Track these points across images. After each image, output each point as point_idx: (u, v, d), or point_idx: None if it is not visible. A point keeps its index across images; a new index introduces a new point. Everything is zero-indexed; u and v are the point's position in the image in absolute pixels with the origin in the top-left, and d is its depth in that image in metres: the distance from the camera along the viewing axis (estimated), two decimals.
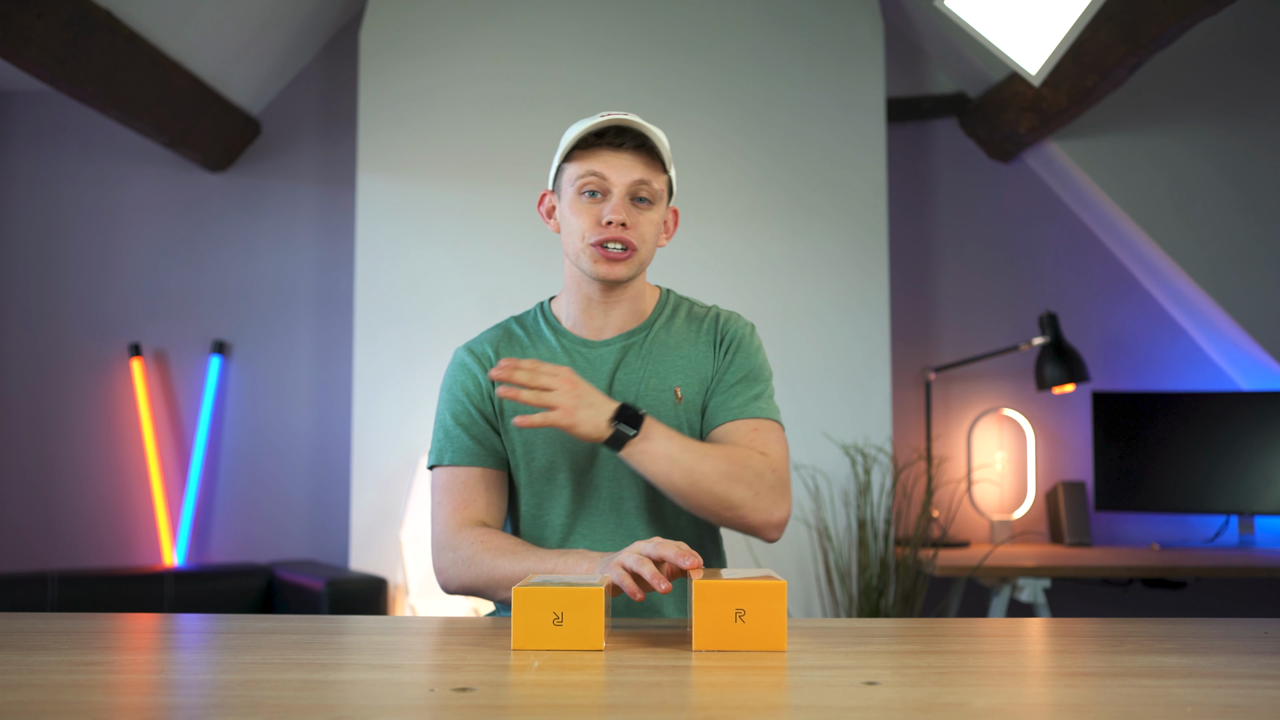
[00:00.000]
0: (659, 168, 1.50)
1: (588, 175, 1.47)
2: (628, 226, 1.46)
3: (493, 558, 1.43)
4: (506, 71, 3.19)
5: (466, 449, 1.52)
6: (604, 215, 1.46)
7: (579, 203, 1.48)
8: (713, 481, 1.40)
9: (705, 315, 1.59)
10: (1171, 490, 3.23)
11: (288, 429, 3.48)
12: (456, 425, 1.53)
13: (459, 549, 1.46)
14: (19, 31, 2.42)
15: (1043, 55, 2.20)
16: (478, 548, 1.45)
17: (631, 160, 1.47)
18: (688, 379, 1.54)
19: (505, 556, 1.42)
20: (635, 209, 1.48)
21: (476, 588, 1.46)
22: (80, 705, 0.92)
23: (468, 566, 1.45)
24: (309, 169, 3.54)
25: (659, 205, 1.51)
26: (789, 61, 3.18)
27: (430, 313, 3.14)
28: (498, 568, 1.42)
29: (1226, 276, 3.11)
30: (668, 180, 1.53)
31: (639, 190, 1.48)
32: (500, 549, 1.43)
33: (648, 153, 1.48)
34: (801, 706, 0.95)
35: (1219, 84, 3.19)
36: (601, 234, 1.46)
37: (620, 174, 1.46)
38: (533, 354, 1.56)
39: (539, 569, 1.38)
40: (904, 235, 3.43)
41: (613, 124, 1.47)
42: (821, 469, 3.04)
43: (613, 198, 1.46)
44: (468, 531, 1.47)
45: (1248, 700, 0.95)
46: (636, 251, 1.48)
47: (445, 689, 0.97)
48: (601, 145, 1.47)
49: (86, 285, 3.53)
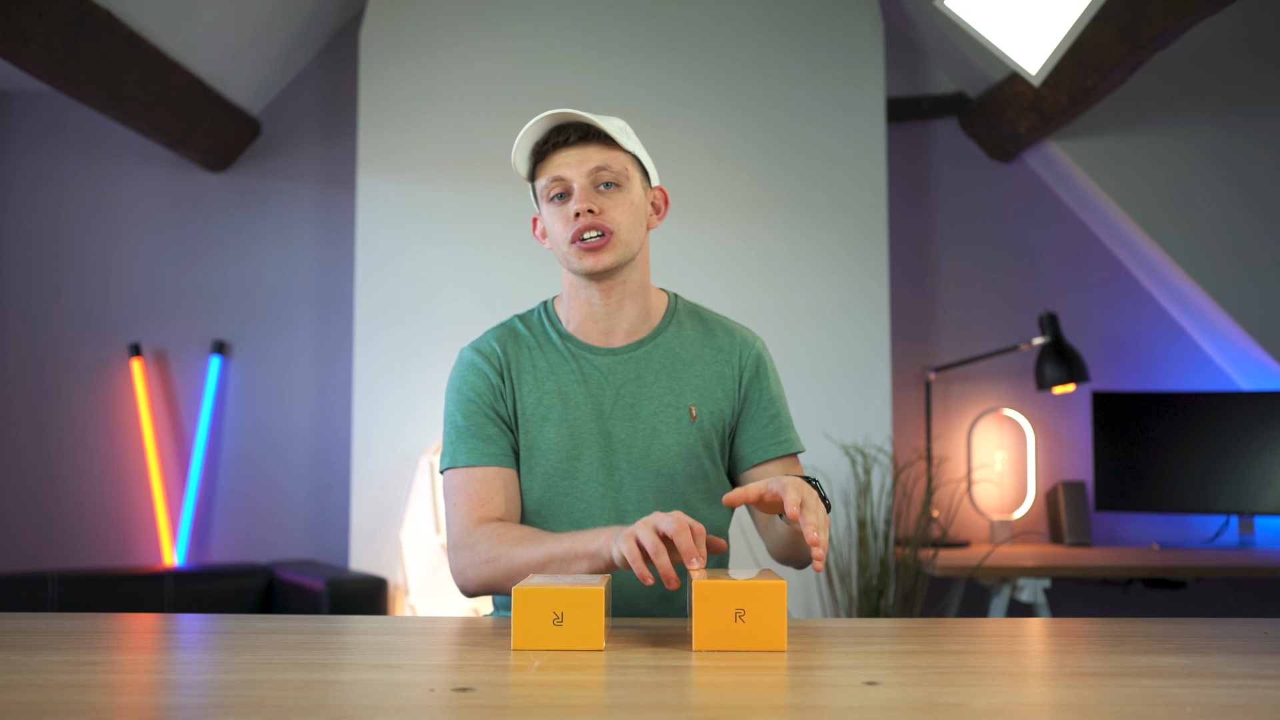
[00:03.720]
0: (614, 148, 1.49)
1: (550, 182, 1.49)
2: (597, 212, 1.46)
3: (510, 549, 1.41)
4: (506, 71, 3.19)
5: (480, 449, 1.50)
6: (571, 210, 1.47)
7: (552, 210, 1.50)
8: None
9: (720, 330, 1.59)
10: (1171, 490, 3.23)
11: (288, 429, 3.48)
12: (469, 425, 1.51)
13: (476, 548, 1.44)
14: (19, 31, 2.42)
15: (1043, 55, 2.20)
16: (494, 542, 1.42)
17: (582, 151, 1.48)
18: (702, 398, 1.53)
19: (523, 545, 1.40)
20: (602, 195, 1.48)
21: (497, 584, 1.43)
22: (80, 705, 0.92)
23: (487, 565, 1.42)
24: (309, 169, 3.54)
25: (628, 186, 1.50)
26: (789, 61, 3.18)
27: (430, 313, 3.14)
28: (516, 557, 1.40)
29: (1226, 276, 3.11)
30: (631, 158, 1.52)
31: (599, 176, 1.48)
32: (517, 539, 1.42)
33: (597, 139, 1.49)
34: (801, 706, 0.95)
35: (1219, 84, 3.19)
36: (574, 227, 1.47)
37: (575, 168, 1.48)
38: (539, 355, 1.55)
39: (558, 549, 1.36)
40: (904, 235, 3.43)
41: (551, 124, 1.48)
42: (821, 469, 3.04)
43: (575, 192, 1.47)
44: (484, 529, 1.45)
45: (1248, 700, 0.95)
46: (614, 234, 1.47)
47: (445, 689, 0.97)
48: (550, 150, 1.49)
49: (86, 285, 3.53)
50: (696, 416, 1.52)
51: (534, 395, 1.52)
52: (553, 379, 1.53)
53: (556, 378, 1.53)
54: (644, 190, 1.54)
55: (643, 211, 1.52)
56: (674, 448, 1.50)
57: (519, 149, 1.50)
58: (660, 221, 1.57)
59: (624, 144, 1.50)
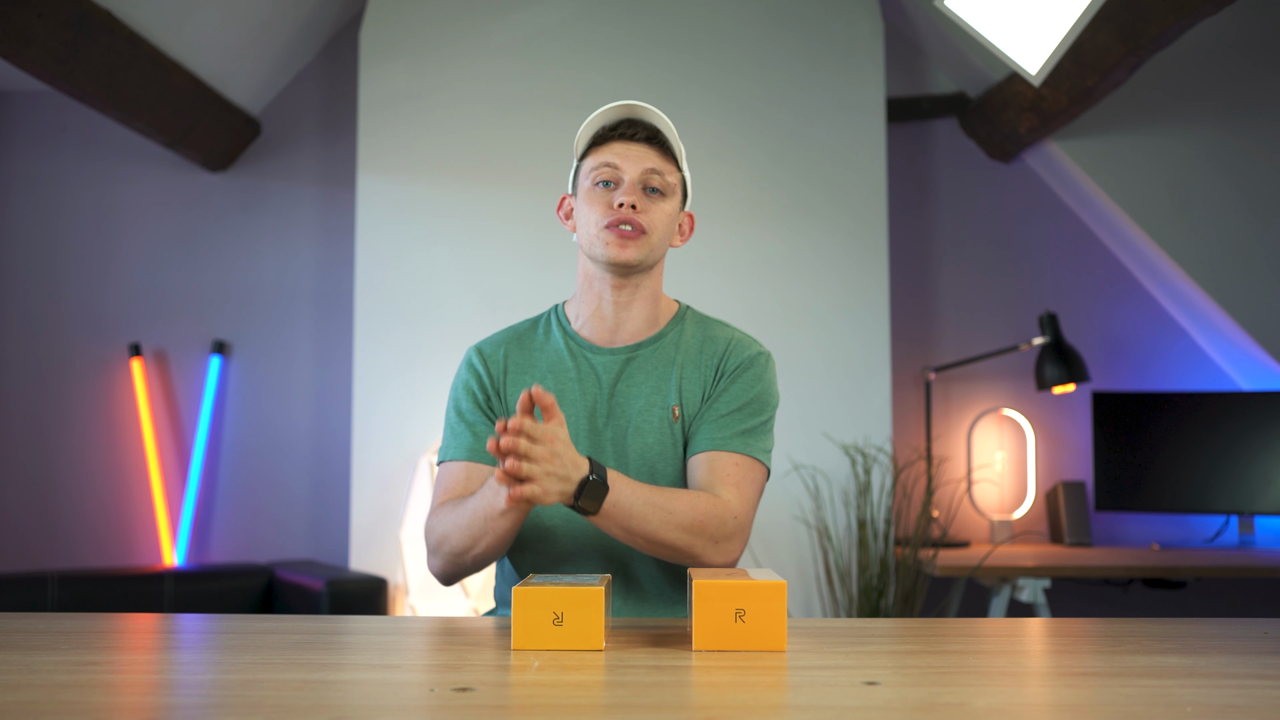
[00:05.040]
0: (672, 163, 1.53)
1: (601, 166, 1.51)
2: (639, 210, 1.48)
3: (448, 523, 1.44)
4: (506, 71, 3.19)
5: (465, 444, 1.54)
6: (615, 200, 1.49)
7: (593, 193, 1.52)
8: (674, 537, 1.39)
9: (721, 336, 1.58)
10: (1171, 490, 3.23)
11: (288, 429, 3.48)
12: (461, 421, 1.55)
13: (428, 535, 1.49)
14: (19, 31, 2.42)
15: (1043, 55, 2.20)
16: (438, 521, 1.46)
17: (643, 150, 1.51)
18: (687, 399, 1.53)
19: (452, 519, 1.43)
20: (647, 197, 1.50)
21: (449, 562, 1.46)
22: (80, 705, 0.92)
23: (436, 547, 1.46)
24: (309, 169, 3.54)
25: (671, 199, 1.53)
26: (789, 61, 3.18)
27: (430, 313, 3.14)
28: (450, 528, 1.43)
29: (1226, 276, 3.11)
30: (681, 179, 1.56)
31: (650, 180, 1.50)
32: (452, 513, 1.45)
33: (660, 146, 1.52)
34: (801, 706, 0.95)
35: (1219, 84, 3.19)
36: (613, 216, 1.48)
37: (632, 163, 1.50)
38: (540, 356, 1.57)
39: (472, 513, 1.39)
40: (904, 235, 3.43)
41: (625, 115, 1.51)
42: (821, 469, 3.04)
43: (624, 184, 1.50)
44: (436, 513, 1.48)
45: (1248, 700, 0.95)
46: (647, 234, 1.49)
47: (445, 689, 0.97)
48: (614, 138, 1.52)
49: (86, 285, 3.53)
50: (679, 417, 1.52)
51: None
52: (550, 378, 1.55)
53: (554, 376, 1.55)
54: (679, 210, 1.57)
55: (674, 226, 1.56)
56: (655, 447, 1.51)
57: (588, 126, 1.52)
58: (682, 244, 1.60)
59: (681, 164, 1.55)
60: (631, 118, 1.52)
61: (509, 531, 1.39)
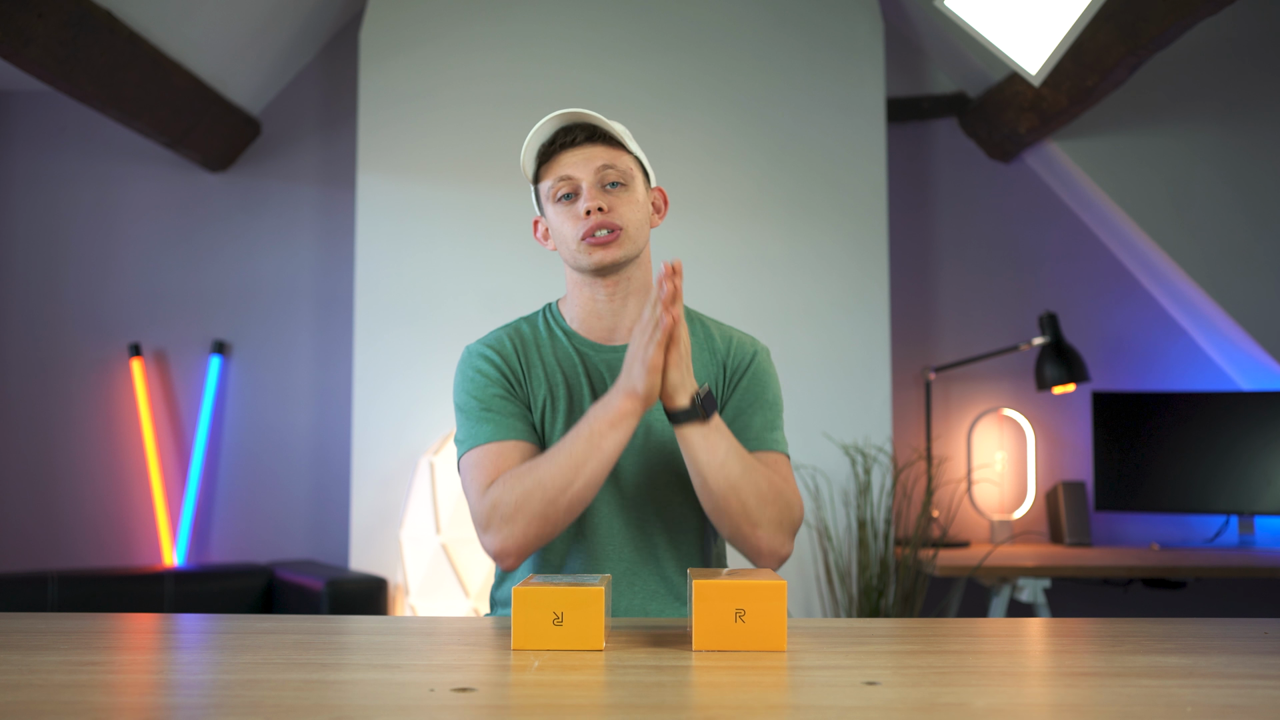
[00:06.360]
0: (620, 150, 1.52)
1: (558, 182, 1.51)
2: (606, 210, 1.48)
3: (530, 476, 1.39)
4: (506, 71, 3.19)
5: (493, 425, 1.48)
6: (581, 209, 1.48)
7: (559, 210, 1.51)
8: (749, 494, 1.40)
9: (720, 335, 1.59)
10: (1171, 490, 3.23)
11: (288, 429, 3.48)
12: (483, 408, 1.49)
13: (500, 505, 1.39)
14: (19, 31, 2.42)
15: (1043, 55, 2.20)
16: (511, 483, 1.40)
17: (588, 150, 1.50)
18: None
19: (539, 467, 1.39)
20: (609, 194, 1.50)
21: (536, 520, 1.38)
22: (80, 705, 0.92)
23: (517, 508, 1.38)
24: (309, 169, 3.54)
25: (633, 185, 1.52)
26: (789, 61, 3.18)
27: (431, 313, 3.14)
28: (540, 474, 1.38)
29: (1226, 276, 3.11)
30: (634, 159, 1.54)
31: (606, 176, 1.50)
32: (531, 466, 1.41)
33: (603, 139, 1.51)
34: (801, 706, 0.95)
35: (1219, 84, 3.19)
36: (585, 225, 1.48)
37: (583, 168, 1.49)
38: (546, 353, 1.56)
39: (572, 443, 1.38)
40: (904, 235, 3.43)
41: (558, 126, 1.50)
42: (821, 469, 3.04)
43: (584, 191, 1.49)
44: (494, 486, 1.42)
45: (1248, 700, 0.95)
46: (623, 230, 1.49)
47: (445, 689, 0.97)
48: (556, 150, 1.51)
49: (86, 285, 3.53)
50: None
51: (544, 389, 1.54)
52: (560, 373, 1.55)
53: (564, 371, 1.55)
54: (646, 191, 1.56)
55: (646, 211, 1.55)
56: (669, 443, 1.52)
57: (528, 150, 1.52)
58: (660, 221, 1.60)
59: (629, 146, 1.53)
60: (564, 125, 1.50)
61: (614, 452, 1.38)
